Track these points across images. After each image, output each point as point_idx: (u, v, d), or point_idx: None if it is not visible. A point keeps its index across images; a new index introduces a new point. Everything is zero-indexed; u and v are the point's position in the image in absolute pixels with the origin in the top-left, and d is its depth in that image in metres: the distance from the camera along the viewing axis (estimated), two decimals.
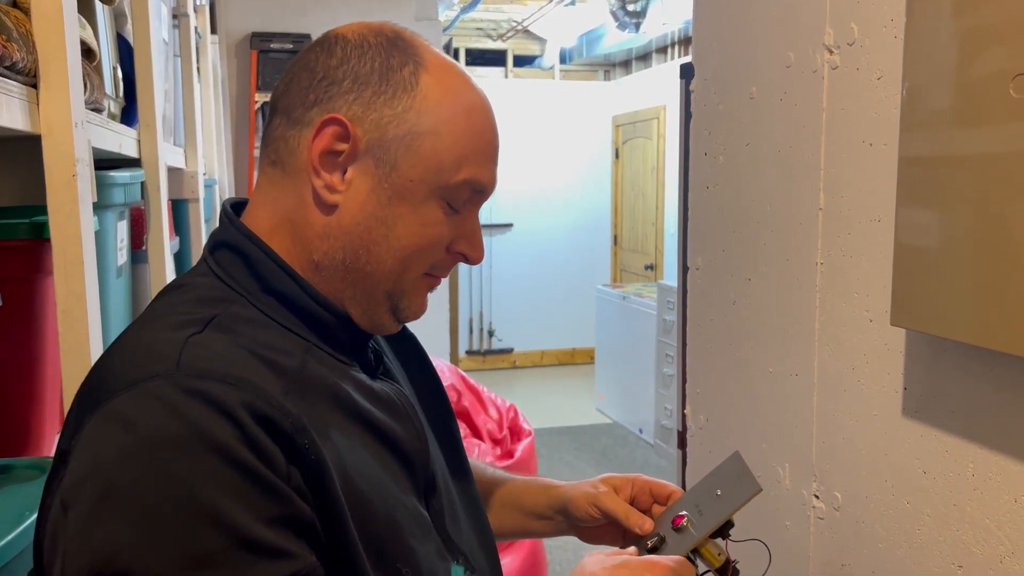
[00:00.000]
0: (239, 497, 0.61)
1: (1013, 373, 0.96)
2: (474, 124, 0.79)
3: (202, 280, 0.77)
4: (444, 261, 0.81)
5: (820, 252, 1.28)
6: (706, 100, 1.58)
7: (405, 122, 0.76)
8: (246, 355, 0.69)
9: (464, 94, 0.79)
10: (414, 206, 0.77)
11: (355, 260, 0.77)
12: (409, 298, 0.80)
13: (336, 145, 0.76)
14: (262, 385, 0.67)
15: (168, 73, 2.05)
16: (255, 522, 0.61)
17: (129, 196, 1.49)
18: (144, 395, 0.64)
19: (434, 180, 0.77)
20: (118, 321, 1.48)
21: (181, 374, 0.64)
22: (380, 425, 0.78)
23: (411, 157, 0.76)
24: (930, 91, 0.98)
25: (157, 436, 0.62)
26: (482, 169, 0.79)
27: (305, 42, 4.42)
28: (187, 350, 0.67)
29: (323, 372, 0.75)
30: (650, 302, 5.25)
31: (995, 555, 1.00)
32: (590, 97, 7.60)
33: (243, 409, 0.64)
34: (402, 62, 0.77)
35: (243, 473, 0.62)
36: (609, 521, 0.98)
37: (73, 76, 0.98)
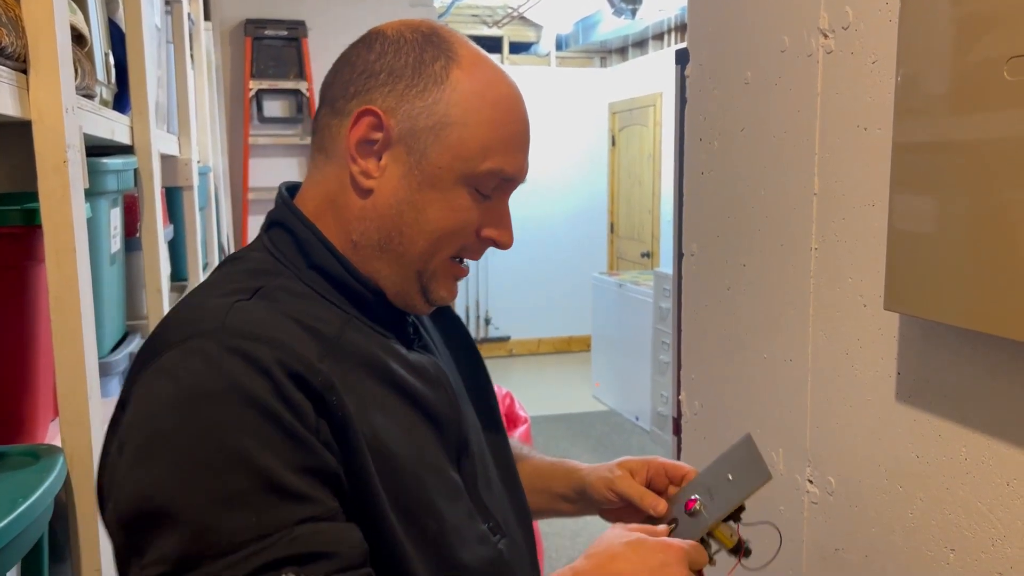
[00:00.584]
0: (269, 446, 0.67)
1: (1006, 357, 0.96)
2: (501, 115, 0.84)
3: (256, 255, 0.86)
4: (474, 245, 0.87)
5: (814, 237, 1.28)
6: (701, 85, 1.57)
7: (435, 113, 0.81)
8: (287, 321, 0.76)
9: (493, 87, 0.84)
10: (443, 192, 0.82)
11: (388, 241, 0.84)
12: (439, 281, 0.86)
13: (371, 134, 0.82)
14: (296, 347, 0.73)
15: (161, 60, 2.04)
16: (282, 468, 0.67)
17: (122, 183, 1.48)
18: (189, 351, 0.71)
19: (461, 168, 0.82)
20: (112, 308, 1.48)
21: (224, 334, 0.71)
22: (413, 391, 0.83)
23: (440, 146, 0.81)
24: (924, 75, 0.97)
25: (198, 388, 0.69)
26: (509, 158, 0.84)
27: (300, 29, 4.40)
28: (231, 314, 0.74)
29: (360, 341, 0.81)
30: (646, 290, 5.25)
31: (987, 538, 1.01)
32: (586, 84, 7.57)
33: (277, 366, 0.70)
34: (434, 57, 0.83)
35: (274, 424, 0.68)
36: (627, 503, 1.01)
37: (63, 61, 0.97)
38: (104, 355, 1.40)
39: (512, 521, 0.94)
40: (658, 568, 0.78)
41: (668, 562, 0.78)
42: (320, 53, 4.46)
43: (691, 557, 0.81)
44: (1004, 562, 0.99)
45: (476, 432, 0.95)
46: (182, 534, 0.65)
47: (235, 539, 0.65)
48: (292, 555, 0.66)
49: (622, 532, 0.83)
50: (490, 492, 0.92)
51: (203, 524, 0.65)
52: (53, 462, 0.94)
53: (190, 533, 0.65)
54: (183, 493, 0.66)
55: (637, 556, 0.79)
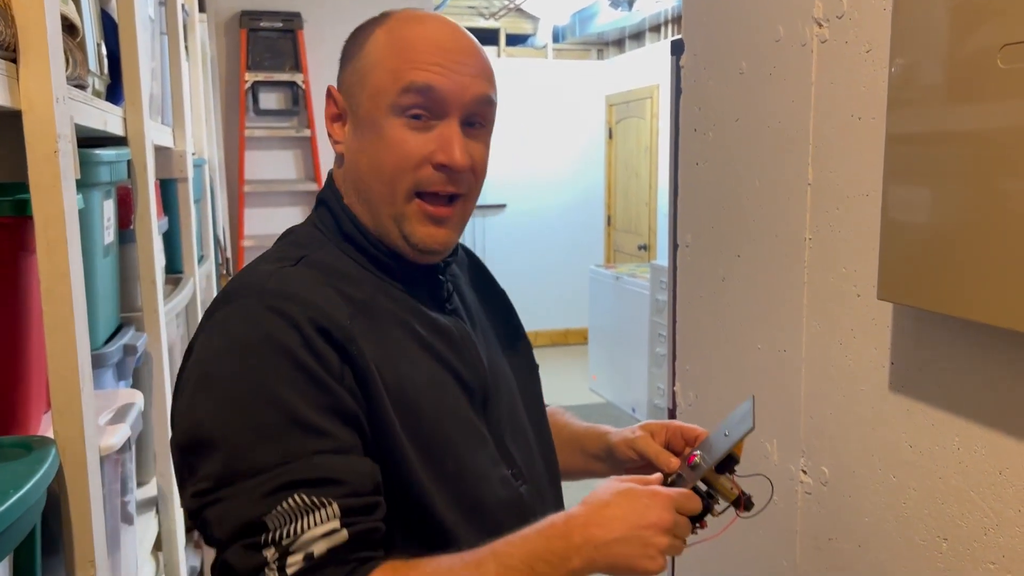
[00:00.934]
0: (295, 388, 0.80)
1: (998, 345, 0.96)
2: (408, 43, 0.91)
3: (304, 228, 1.00)
4: (431, 176, 0.92)
5: (808, 227, 1.27)
6: (696, 76, 1.57)
7: (358, 70, 0.94)
8: (323, 286, 0.88)
9: (406, 28, 0.93)
10: (378, 132, 0.91)
11: (359, 192, 0.95)
12: (411, 224, 0.93)
13: (332, 109, 0.97)
14: (326, 307, 0.85)
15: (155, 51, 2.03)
16: (305, 407, 0.80)
17: (115, 175, 1.47)
18: (237, 309, 0.85)
19: (382, 100, 0.91)
20: (105, 300, 1.47)
21: (265, 295, 0.85)
22: (436, 350, 0.94)
23: (364, 93, 0.92)
24: (918, 65, 0.97)
25: (241, 339, 0.83)
26: (418, 72, 0.90)
27: (295, 20, 4.38)
28: (273, 278, 0.87)
29: (390, 305, 0.93)
30: (643, 282, 5.25)
31: (980, 527, 1.01)
32: (583, 76, 7.55)
33: (307, 322, 0.82)
34: (371, 30, 0.95)
35: (301, 370, 0.81)
36: (646, 462, 1.07)
37: (54, 50, 0.97)
38: (97, 347, 1.40)
39: (540, 471, 1.04)
40: (643, 511, 0.83)
41: (652, 505, 0.83)
42: (316, 45, 4.44)
43: (678, 503, 0.86)
44: (996, 551, 0.99)
45: (509, 390, 1.05)
46: (222, 457, 0.79)
47: (262, 463, 0.78)
48: (307, 479, 0.78)
49: (615, 483, 0.88)
50: (517, 444, 1.02)
51: (238, 450, 0.79)
52: (45, 453, 0.94)
53: (228, 457, 0.79)
54: (224, 424, 0.80)
55: (626, 501, 0.84)
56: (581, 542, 0.81)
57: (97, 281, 1.40)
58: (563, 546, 0.81)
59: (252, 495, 0.78)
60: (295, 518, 0.77)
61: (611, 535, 0.81)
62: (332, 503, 0.78)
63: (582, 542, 0.81)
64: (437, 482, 0.89)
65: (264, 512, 0.77)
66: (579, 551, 0.81)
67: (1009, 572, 0.97)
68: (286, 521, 0.77)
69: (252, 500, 0.77)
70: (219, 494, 0.79)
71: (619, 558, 0.81)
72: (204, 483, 0.80)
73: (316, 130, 4.42)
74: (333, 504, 0.78)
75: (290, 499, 0.77)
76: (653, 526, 0.82)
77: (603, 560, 0.82)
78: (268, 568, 0.77)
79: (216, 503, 0.79)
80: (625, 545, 0.81)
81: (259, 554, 0.77)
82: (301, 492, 0.78)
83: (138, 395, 1.40)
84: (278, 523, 0.77)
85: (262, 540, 0.77)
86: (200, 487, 0.80)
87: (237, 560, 0.78)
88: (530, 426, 1.07)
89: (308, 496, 0.78)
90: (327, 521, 0.78)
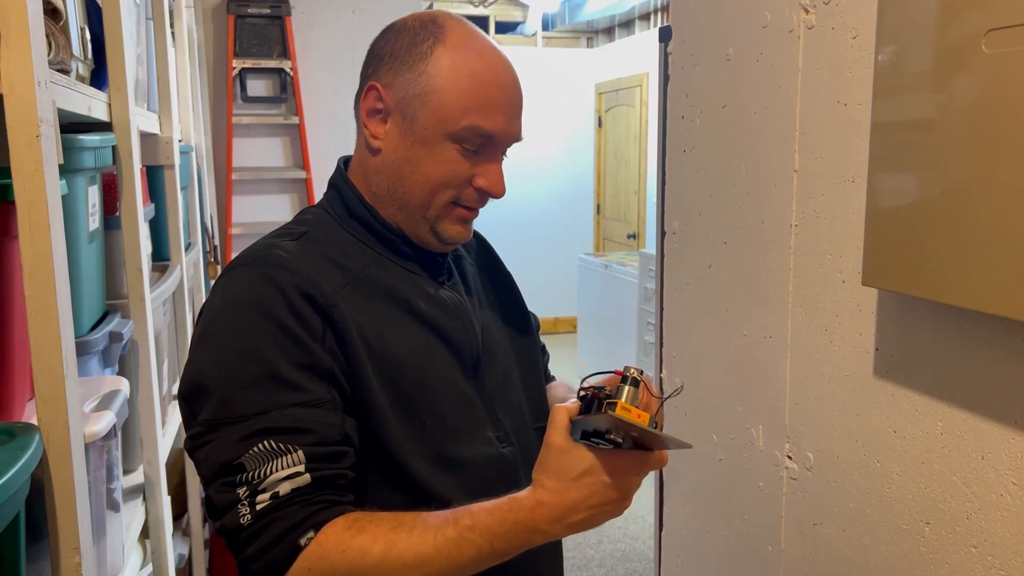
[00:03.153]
0: (276, 346, 0.90)
1: (982, 331, 0.97)
2: (478, 82, 0.99)
3: (314, 209, 1.10)
4: (470, 194, 1.03)
5: (795, 214, 1.28)
6: (683, 62, 1.57)
7: (419, 84, 0.99)
8: (317, 257, 0.98)
9: (472, 59, 1.00)
10: (431, 148, 1.00)
11: (395, 191, 1.03)
12: (444, 223, 1.04)
13: (375, 104, 1.02)
14: (314, 276, 0.94)
15: (140, 36, 2.01)
16: (284, 363, 0.89)
17: (100, 160, 1.46)
18: (236, 274, 0.96)
19: (442, 127, 0.99)
20: (90, 287, 1.46)
21: (259, 263, 0.95)
22: (428, 318, 1.02)
23: (424, 110, 0.99)
24: (904, 51, 0.97)
25: (235, 301, 0.93)
26: (486, 118, 0.99)
27: (283, 7, 4.35)
28: (269, 250, 0.97)
29: (382, 275, 1.02)
30: (632, 270, 5.25)
31: (962, 511, 1.02)
32: (573, 64, 7.53)
33: (293, 288, 0.92)
34: (424, 38, 1.00)
35: (282, 330, 0.90)
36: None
37: (35, 34, 0.95)
38: (82, 334, 1.39)
39: (531, 442, 1.08)
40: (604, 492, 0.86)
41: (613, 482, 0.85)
42: (304, 31, 4.41)
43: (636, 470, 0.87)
44: (979, 534, 1.00)
45: (506, 363, 1.12)
46: (213, 404, 0.89)
47: (243, 411, 0.88)
48: (279, 427, 0.87)
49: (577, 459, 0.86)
50: (510, 415, 1.08)
51: (226, 398, 0.89)
52: (29, 440, 0.93)
53: (217, 404, 0.89)
54: (216, 375, 0.90)
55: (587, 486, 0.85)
56: (545, 527, 0.86)
57: (82, 268, 1.39)
58: (526, 533, 0.86)
59: (231, 439, 0.87)
60: (265, 461, 0.86)
61: (575, 518, 0.86)
62: (298, 450, 0.87)
63: (546, 527, 0.86)
64: (412, 439, 0.96)
65: (239, 455, 0.87)
66: (542, 534, 0.86)
67: (991, 555, 0.98)
68: (258, 464, 0.86)
69: (231, 444, 0.87)
70: (207, 437, 0.89)
71: (580, 527, 0.88)
72: (199, 427, 0.90)
73: (304, 117, 4.40)
74: (299, 451, 0.87)
75: (262, 444, 0.86)
76: (614, 501, 0.87)
77: (567, 533, 0.88)
78: (241, 504, 0.86)
79: (204, 445, 0.89)
80: (592, 521, 0.87)
81: (233, 491, 0.86)
82: (272, 438, 0.87)
83: (124, 382, 1.39)
84: (251, 465, 0.86)
85: (237, 479, 0.86)
86: (195, 431, 0.90)
87: (217, 496, 0.88)
88: (527, 401, 1.13)
89: (277, 442, 0.87)
90: (293, 466, 0.87)
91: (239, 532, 0.86)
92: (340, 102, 4.48)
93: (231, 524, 0.86)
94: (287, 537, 0.84)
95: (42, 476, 0.99)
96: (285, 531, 0.85)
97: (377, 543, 0.84)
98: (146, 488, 1.69)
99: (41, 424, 0.98)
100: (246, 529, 0.85)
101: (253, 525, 0.85)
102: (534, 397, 1.16)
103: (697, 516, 1.64)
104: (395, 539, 0.84)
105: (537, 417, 1.14)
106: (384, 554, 0.84)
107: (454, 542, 0.84)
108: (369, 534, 0.85)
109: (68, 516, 1.00)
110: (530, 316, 1.24)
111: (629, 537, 3.82)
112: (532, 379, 1.17)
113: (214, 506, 0.88)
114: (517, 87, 1.04)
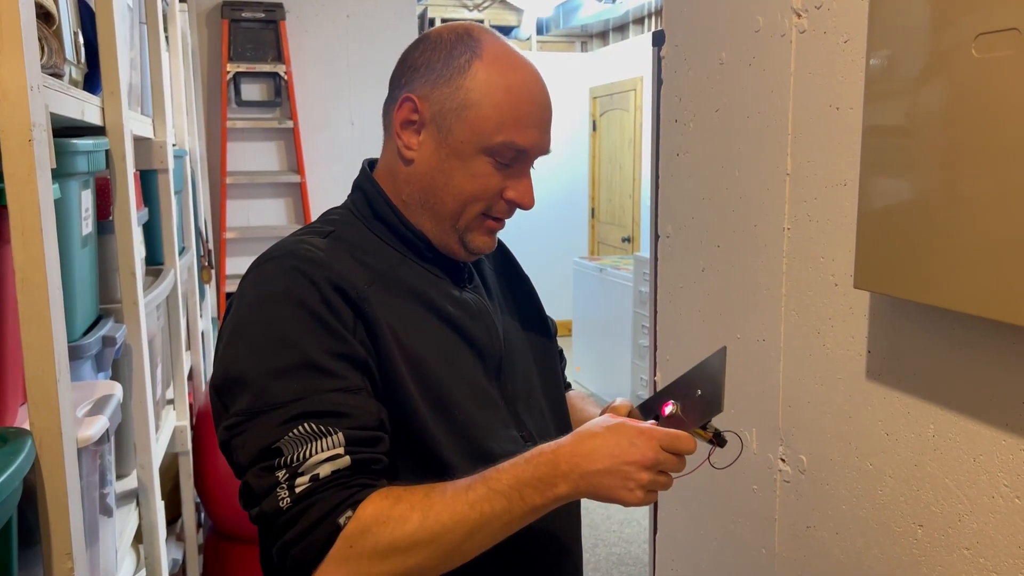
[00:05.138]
0: (311, 335, 0.91)
1: (974, 334, 0.97)
2: (513, 98, 1.01)
3: (339, 210, 1.11)
4: (500, 206, 1.05)
5: (787, 217, 1.28)
6: (676, 66, 1.57)
7: (457, 98, 1.01)
8: (345, 255, 1.00)
9: (507, 75, 1.01)
10: (465, 161, 1.02)
11: (426, 200, 1.05)
12: (472, 233, 1.06)
13: (410, 115, 1.03)
14: (344, 271, 0.97)
15: (134, 41, 2.01)
16: (319, 352, 0.91)
17: (93, 165, 1.46)
18: (266, 269, 0.98)
19: (478, 141, 1.01)
20: (84, 291, 1.46)
21: (290, 258, 0.97)
22: (452, 318, 1.04)
23: (460, 124, 1.01)
24: (895, 55, 0.98)
25: (268, 294, 0.95)
26: (520, 133, 1.01)
27: (277, 11, 4.35)
28: (299, 245, 0.99)
29: (408, 275, 1.04)
30: (627, 274, 5.26)
31: (954, 513, 1.02)
32: (567, 69, 7.54)
33: (324, 281, 0.94)
34: (461, 52, 1.02)
35: (316, 321, 0.92)
36: None
37: (27, 37, 0.95)
38: (75, 338, 1.38)
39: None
40: (628, 447, 0.88)
41: (638, 442, 0.88)
42: (298, 36, 4.41)
43: (664, 442, 0.89)
44: (971, 536, 1.00)
45: (526, 365, 1.14)
46: (249, 394, 0.90)
47: (280, 398, 0.89)
48: (317, 411, 0.89)
49: (607, 418, 0.93)
50: (531, 415, 1.10)
51: (262, 387, 0.90)
52: (21, 445, 0.93)
53: (252, 394, 0.90)
54: (251, 367, 0.91)
55: (612, 435, 0.89)
56: (568, 470, 0.87)
57: (75, 272, 1.39)
58: (550, 473, 0.88)
59: (269, 425, 0.89)
60: (304, 444, 0.87)
61: (595, 466, 0.87)
62: (338, 432, 0.88)
63: (568, 470, 0.87)
64: (445, 432, 0.98)
65: (278, 439, 0.88)
66: (565, 478, 0.87)
67: (983, 557, 0.98)
68: (297, 447, 0.87)
69: (268, 429, 0.88)
70: (244, 426, 0.90)
71: (601, 488, 0.88)
72: (236, 418, 0.91)
73: (298, 121, 4.40)
74: (339, 433, 0.88)
75: (300, 427, 0.88)
76: (636, 463, 0.87)
77: (587, 488, 0.88)
78: (280, 487, 0.87)
79: (241, 434, 0.90)
80: (608, 477, 0.88)
81: (272, 475, 0.87)
82: (311, 421, 0.88)
83: (117, 387, 1.39)
84: (290, 448, 0.87)
85: (276, 463, 0.88)
86: (230, 422, 0.92)
87: (255, 481, 0.89)
88: (547, 404, 1.15)
89: (317, 425, 0.88)
90: (332, 448, 0.88)
91: (278, 516, 0.87)
92: (334, 106, 4.48)
93: (270, 508, 0.87)
94: (327, 519, 0.86)
95: (34, 481, 0.99)
96: (325, 514, 0.86)
97: (415, 510, 0.86)
98: (139, 493, 1.68)
99: (34, 429, 0.98)
100: (285, 513, 0.86)
101: (292, 508, 0.86)
102: (554, 401, 1.17)
103: (691, 519, 1.64)
104: (430, 504, 0.87)
105: (557, 421, 1.15)
106: (423, 519, 0.86)
107: (485, 496, 0.87)
108: (406, 502, 0.87)
109: (61, 521, 1.00)
110: (548, 321, 1.26)
111: (624, 541, 3.82)
112: (552, 383, 1.19)
113: (252, 492, 0.89)
114: (548, 101, 1.06)
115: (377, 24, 4.45)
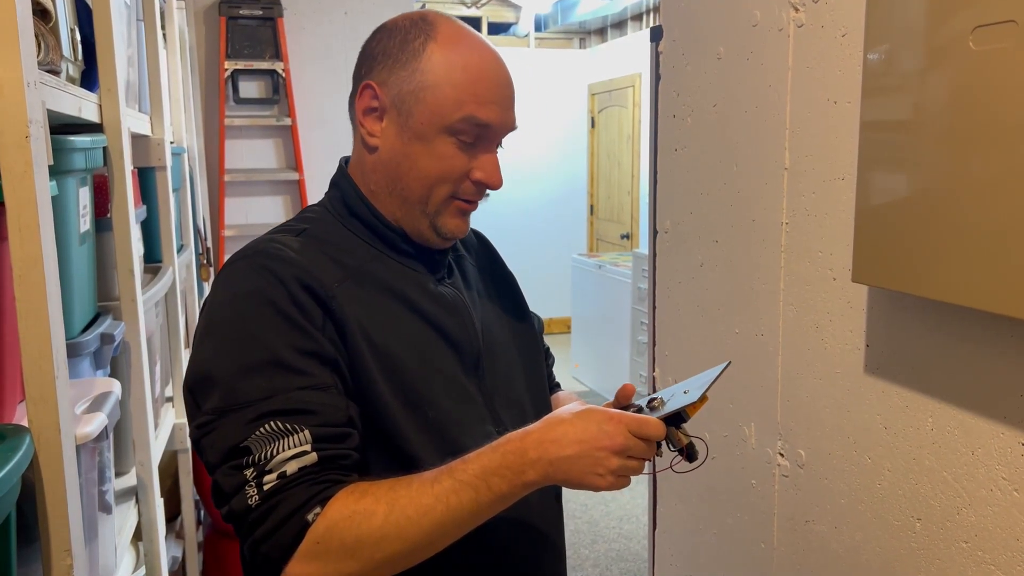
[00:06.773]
0: (279, 334, 0.92)
1: (970, 326, 0.97)
2: (469, 77, 1.00)
3: (315, 207, 1.12)
4: (468, 187, 1.04)
5: (785, 212, 1.28)
6: (674, 61, 1.57)
7: (414, 80, 1.01)
8: (317, 253, 1.00)
9: (463, 55, 1.01)
10: (427, 143, 1.01)
11: (394, 186, 1.04)
12: (443, 217, 1.05)
13: (371, 103, 1.04)
14: (314, 269, 0.97)
15: (131, 38, 2.01)
16: (287, 350, 0.91)
17: (91, 162, 1.46)
18: (237, 268, 0.98)
19: (438, 121, 1.00)
20: (82, 289, 1.46)
21: (260, 256, 0.97)
22: (427, 313, 1.04)
23: (420, 106, 1.01)
24: (892, 48, 0.98)
25: (237, 293, 0.95)
26: (480, 108, 1.00)
27: (275, 8, 4.35)
28: (269, 244, 0.99)
29: (381, 271, 1.03)
30: (625, 271, 5.26)
31: (952, 507, 1.02)
32: (565, 65, 7.54)
33: (293, 280, 0.94)
34: (416, 36, 1.02)
35: (285, 319, 0.92)
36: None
37: (24, 34, 0.95)
38: (73, 336, 1.38)
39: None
40: (596, 432, 0.88)
41: (606, 427, 0.88)
42: (296, 33, 4.40)
43: (633, 427, 0.89)
44: (969, 530, 1.00)
45: (507, 362, 1.13)
46: (219, 393, 0.91)
47: (250, 397, 0.89)
48: (283, 409, 0.89)
49: (575, 404, 0.94)
50: (511, 412, 1.09)
51: (231, 385, 0.90)
52: (19, 442, 0.93)
53: (223, 392, 0.90)
54: (221, 363, 0.92)
55: (581, 421, 0.89)
56: (536, 457, 0.87)
57: (73, 269, 1.38)
58: (517, 461, 0.87)
59: (237, 423, 0.89)
60: (271, 442, 0.88)
61: (564, 452, 0.87)
62: (304, 430, 0.89)
63: (537, 457, 0.87)
64: (416, 428, 0.98)
65: (245, 437, 0.88)
66: (534, 465, 0.87)
67: (981, 550, 0.99)
68: (264, 445, 0.88)
69: (237, 428, 0.89)
70: (213, 425, 0.90)
71: (571, 474, 0.88)
72: (207, 416, 0.91)
73: (296, 119, 4.39)
74: (305, 431, 0.89)
75: (267, 425, 0.88)
76: (605, 448, 0.87)
77: (556, 475, 0.88)
78: (248, 485, 0.87)
79: (210, 432, 0.90)
80: (578, 462, 0.87)
81: (241, 473, 0.88)
82: (277, 419, 0.88)
83: (115, 384, 1.39)
84: (257, 447, 0.88)
85: (244, 462, 0.88)
86: (201, 420, 0.92)
87: (224, 479, 0.89)
88: (529, 399, 1.14)
89: (283, 423, 0.88)
90: (299, 446, 0.88)
91: (247, 514, 0.87)
92: (333, 103, 4.48)
93: (239, 507, 0.87)
94: (295, 515, 0.86)
95: (33, 478, 0.99)
96: (293, 510, 0.86)
97: (380, 503, 0.86)
98: (139, 490, 1.68)
99: (32, 426, 0.98)
100: (254, 511, 0.87)
101: (261, 506, 0.86)
102: (536, 397, 1.17)
103: (690, 515, 1.64)
104: (395, 496, 0.87)
105: (539, 415, 1.13)
106: (388, 512, 0.86)
107: (451, 489, 0.86)
108: (371, 496, 0.87)
109: (60, 518, 1.00)
110: (532, 316, 1.25)
111: (623, 537, 3.82)
112: (535, 380, 1.18)
113: (222, 491, 0.89)
114: (508, 79, 1.05)
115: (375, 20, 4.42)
